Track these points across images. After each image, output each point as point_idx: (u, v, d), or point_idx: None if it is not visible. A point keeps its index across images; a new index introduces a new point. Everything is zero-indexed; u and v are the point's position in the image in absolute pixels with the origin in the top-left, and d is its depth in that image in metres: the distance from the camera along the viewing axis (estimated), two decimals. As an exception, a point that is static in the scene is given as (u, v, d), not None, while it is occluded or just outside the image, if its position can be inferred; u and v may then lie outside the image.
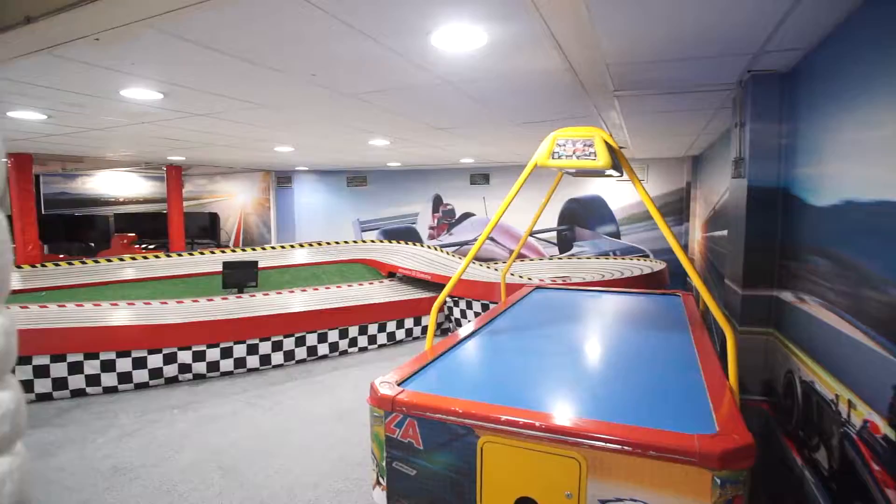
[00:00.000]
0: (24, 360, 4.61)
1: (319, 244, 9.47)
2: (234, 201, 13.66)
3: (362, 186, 12.44)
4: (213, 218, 13.20)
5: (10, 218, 8.50)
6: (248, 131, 5.54)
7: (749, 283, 3.06)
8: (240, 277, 7.02)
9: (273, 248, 9.15)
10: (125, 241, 10.79)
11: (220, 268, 7.12)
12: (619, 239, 9.75)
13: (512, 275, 7.08)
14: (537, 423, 1.81)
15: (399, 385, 2.17)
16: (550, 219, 10.29)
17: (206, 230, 13.03)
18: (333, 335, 6.12)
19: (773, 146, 2.93)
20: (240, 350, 5.45)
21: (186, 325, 5.22)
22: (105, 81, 3.27)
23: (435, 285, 7.40)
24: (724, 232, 5.39)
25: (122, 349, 4.94)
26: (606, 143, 2.46)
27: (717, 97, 3.69)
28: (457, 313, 7.06)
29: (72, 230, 12.29)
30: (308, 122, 4.97)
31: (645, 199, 2.53)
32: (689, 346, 2.77)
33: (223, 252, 8.75)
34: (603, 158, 2.48)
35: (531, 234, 4.99)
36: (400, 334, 6.75)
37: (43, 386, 4.71)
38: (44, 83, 3.32)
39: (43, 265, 7.52)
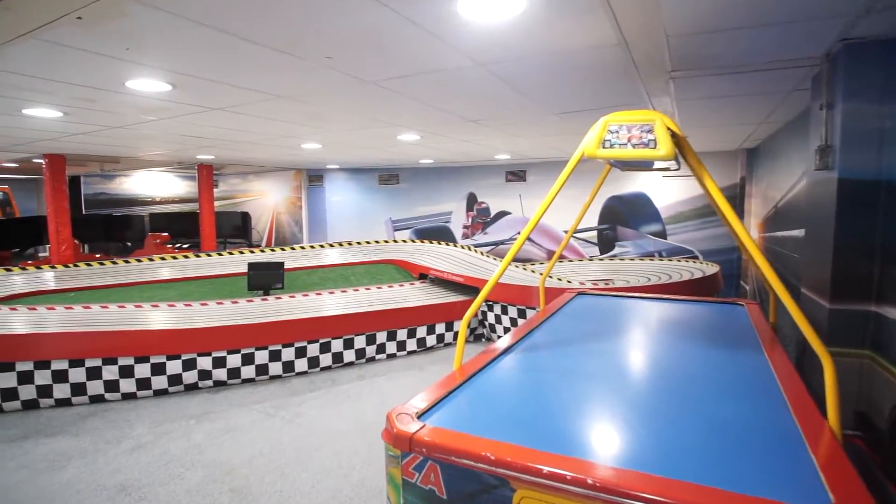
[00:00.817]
0: (43, 364, 4.48)
1: (349, 244, 9.22)
2: (266, 200, 13.61)
3: (394, 185, 12.17)
4: (245, 217, 13.19)
5: (45, 218, 8.64)
6: (271, 126, 5.28)
7: (839, 295, 2.56)
8: (265, 279, 6.81)
9: (301, 248, 8.95)
10: (158, 240, 10.83)
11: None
12: (665, 239, 9.13)
13: (550, 277, 6.63)
14: (589, 480, 1.42)
15: (420, 418, 1.81)
16: (590, 218, 9.76)
17: (238, 230, 13.03)
18: (360, 341, 5.81)
19: (872, 130, 2.43)
20: (262, 356, 5.20)
21: (207, 329, 4.99)
22: (106, 72, 3.03)
23: (468, 288, 7.02)
24: (791, 232, 4.82)
25: (142, 354, 4.76)
26: (669, 129, 2.05)
27: (793, 75, 3.17)
28: (491, 318, 6.66)
29: (110, 230, 12.49)
30: (331, 115, 4.66)
31: (716, 194, 2.12)
32: (767, 371, 2.30)
33: (251, 252, 8.61)
34: (665, 147, 2.07)
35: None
36: (431, 340, 6.39)
37: (62, 391, 4.57)
38: (45, 75, 3.10)
39: (76, 265, 7.52)
